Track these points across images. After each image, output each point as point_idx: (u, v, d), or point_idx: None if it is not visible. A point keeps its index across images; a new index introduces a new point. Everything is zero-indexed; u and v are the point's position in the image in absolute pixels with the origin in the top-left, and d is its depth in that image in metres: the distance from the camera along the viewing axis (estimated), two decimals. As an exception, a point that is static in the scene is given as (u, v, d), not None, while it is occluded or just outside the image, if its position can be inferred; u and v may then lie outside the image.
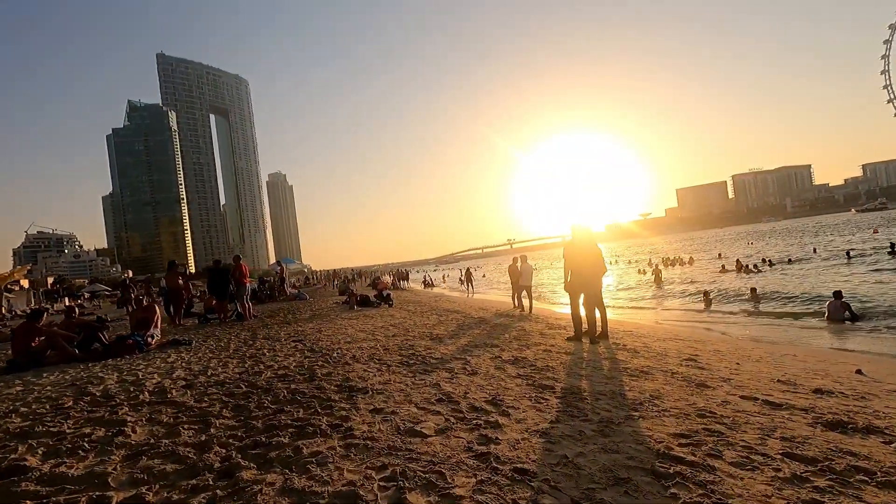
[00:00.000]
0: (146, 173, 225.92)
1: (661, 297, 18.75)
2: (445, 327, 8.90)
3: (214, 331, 9.36)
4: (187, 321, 11.68)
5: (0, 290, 36.92)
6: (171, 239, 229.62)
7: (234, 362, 5.41)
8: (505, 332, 8.21)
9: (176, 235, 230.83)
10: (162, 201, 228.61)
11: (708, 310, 14.45)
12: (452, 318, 10.73)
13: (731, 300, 15.55)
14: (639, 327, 10.02)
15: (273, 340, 7.25)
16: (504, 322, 9.95)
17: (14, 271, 41.68)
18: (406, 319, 10.40)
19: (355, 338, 7.35)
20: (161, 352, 6.72)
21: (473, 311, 13.46)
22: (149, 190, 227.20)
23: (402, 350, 6.09)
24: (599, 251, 7.44)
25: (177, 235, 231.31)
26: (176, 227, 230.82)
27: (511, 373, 4.74)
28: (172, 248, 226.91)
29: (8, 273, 41.46)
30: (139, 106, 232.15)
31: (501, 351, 6.10)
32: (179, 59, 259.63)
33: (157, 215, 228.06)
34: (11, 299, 40.33)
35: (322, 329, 8.74)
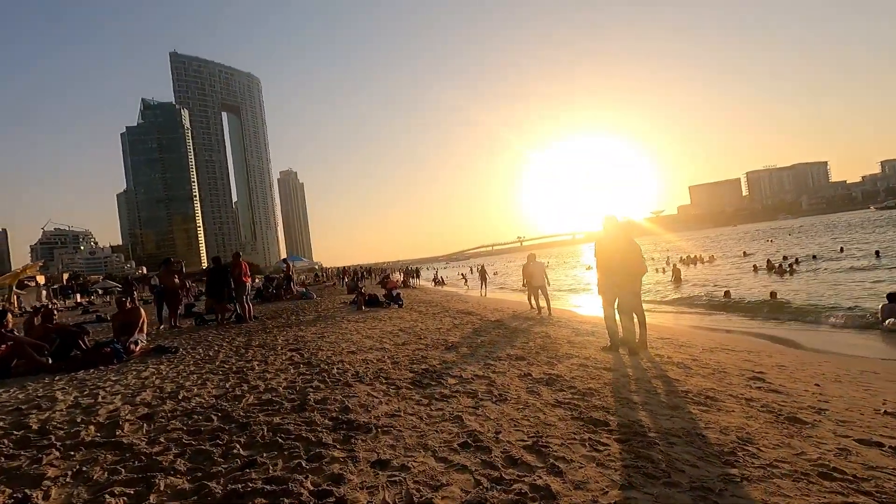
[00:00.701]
0: (159, 171, 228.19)
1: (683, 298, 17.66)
2: (461, 333, 8.03)
3: (208, 335, 8.60)
4: (185, 322, 10.96)
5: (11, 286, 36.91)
6: (184, 236, 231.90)
7: (216, 380, 4.58)
8: (527, 339, 7.31)
9: (189, 232, 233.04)
10: (175, 198, 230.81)
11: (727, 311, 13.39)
12: (467, 322, 9.86)
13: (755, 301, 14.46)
14: (673, 333, 9.04)
15: (268, 349, 6.44)
16: (524, 326, 9.05)
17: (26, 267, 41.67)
18: (417, 322, 9.55)
19: (361, 346, 6.50)
20: (140, 362, 5.94)
21: (489, 312, 12.57)
22: (162, 187, 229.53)
23: (414, 363, 5.23)
24: (637, 248, 6.46)
25: (189, 232, 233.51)
26: (189, 224, 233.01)
27: (548, 398, 3.85)
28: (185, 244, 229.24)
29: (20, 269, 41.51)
30: (152, 104, 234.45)
31: (529, 365, 5.20)
32: (192, 58, 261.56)
33: (171, 212, 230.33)
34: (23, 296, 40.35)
35: (325, 334, 7.92)
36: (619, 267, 6.38)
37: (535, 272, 12.98)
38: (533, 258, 13.24)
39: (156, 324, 11.01)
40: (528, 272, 13.01)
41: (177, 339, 8.12)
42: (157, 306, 10.97)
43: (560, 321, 10.35)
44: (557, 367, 5.18)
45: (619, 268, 6.38)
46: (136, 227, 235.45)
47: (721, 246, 55.43)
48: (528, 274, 12.96)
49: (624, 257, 6.36)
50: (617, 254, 6.37)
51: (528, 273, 13.01)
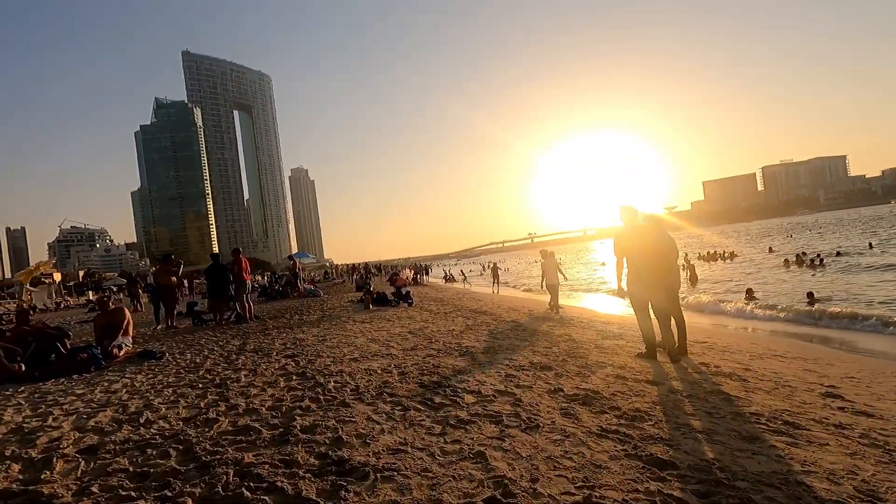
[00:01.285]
0: (173, 169, 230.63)
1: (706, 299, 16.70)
2: (475, 335, 7.31)
3: (203, 336, 8.00)
4: (183, 322, 10.40)
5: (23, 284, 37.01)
6: (197, 233, 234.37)
7: (192, 395, 3.92)
8: (550, 343, 6.57)
9: (201, 230, 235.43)
10: (188, 196, 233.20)
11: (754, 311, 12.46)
12: (482, 323, 9.14)
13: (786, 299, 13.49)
14: (709, 336, 8.22)
15: (261, 355, 5.78)
16: (544, 328, 8.30)
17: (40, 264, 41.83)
18: (428, 323, 8.85)
19: (365, 351, 5.82)
20: (118, 370, 5.32)
21: (503, 311, 11.84)
22: (175, 185, 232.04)
23: (425, 374, 4.52)
24: (672, 242, 5.61)
25: (202, 230, 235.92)
26: (201, 222, 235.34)
27: (589, 424, 3.12)
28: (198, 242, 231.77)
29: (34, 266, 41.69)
30: (166, 103, 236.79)
31: (558, 377, 4.47)
32: (204, 57, 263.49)
33: (184, 210, 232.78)
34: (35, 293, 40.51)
35: (327, 337, 7.25)
36: (652, 264, 5.58)
37: (547, 270, 12.28)
38: (546, 255, 12.54)
39: (154, 324, 10.47)
40: (543, 269, 12.36)
41: (168, 342, 7.54)
42: (154, 306, 10.42)
43: (582, 322, 9.59)
44: (591, 379, 4.44)
45: (652, 265, 5.58)
46: (150, 225, 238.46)
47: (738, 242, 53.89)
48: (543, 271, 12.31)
49: (657, 253, 5.56)
50: (647, 249, 5.54)
51: (543, 270, 12.36)
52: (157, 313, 10.28)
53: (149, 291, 10.55)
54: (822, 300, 12.29)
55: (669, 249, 5.66)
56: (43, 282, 50.46)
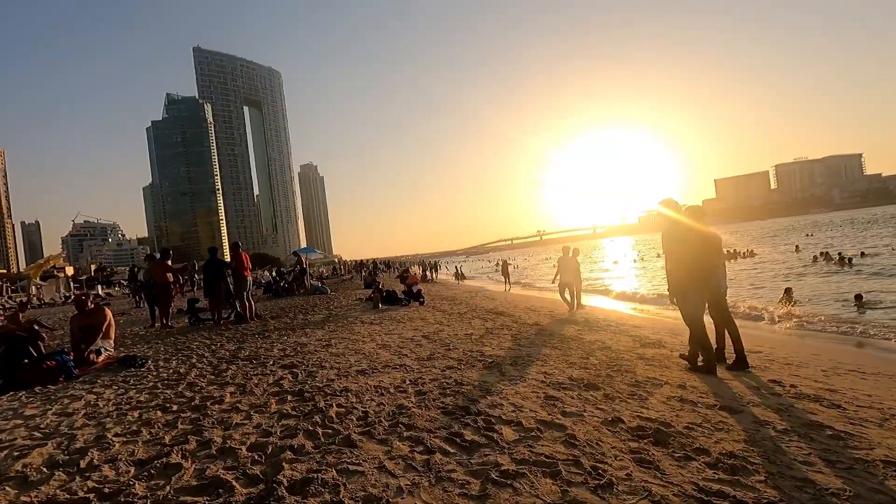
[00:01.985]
0: (184, 164, 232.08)
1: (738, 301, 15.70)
2: (497, 341, 6.51)
3: (196, 339, 7.27)
4: (179, 321, 9.72)
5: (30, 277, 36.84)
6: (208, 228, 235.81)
7: (160, 424, 3.16)
8: (584, 351, 5.76)
9: (212, 225, 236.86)
10: (198, 192, 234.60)
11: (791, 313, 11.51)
12: (501, 325, 8.34)
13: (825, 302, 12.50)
14: (759, 344, 7.32)
15: (255, 365, 5.02)
16: (571, 332, 7.47)
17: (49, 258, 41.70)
18: (443, 326, 8.06)
19: (374, 361, 5.04)
20: (87, 382, 4.59)
21: (522, 312, 11.01)
22: (186, 181, 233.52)
23: (447, 394, 3.73)
24: (718, 238, 4.91)
25: (212, 225, 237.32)
26: (211, 217, 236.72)
27: (679, 479, 2.30)
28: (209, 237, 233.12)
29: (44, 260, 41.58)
30: (177, 99, 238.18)
31: (610, 400, 3.66)
32: (215, 53, 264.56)
33: (194, 205, 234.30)
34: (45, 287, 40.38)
35: (332, 341, 6.48)
36: (703, 262, 4.71)
37: (566, 266, 11.46)
38: (566, 251, 11.70)
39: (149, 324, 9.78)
40: (560, 266, 11.54)
41: (157, 345, 6.82)
42: (148, 305, 9.74)
43: (609, 325, 8.74)
44: (650, 402, 3.63)
45: (703, 263, 4.71)
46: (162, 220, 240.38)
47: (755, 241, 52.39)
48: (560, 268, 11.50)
49: (705, 249, 4.71)
50: (696, 247, 4.69)
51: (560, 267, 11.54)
52: (152, 313, 9.59)
53: (142, 290, 9.85)
54: (870, 303, 11.31)
55: (716, 246, 4.86)
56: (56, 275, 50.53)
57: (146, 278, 9.59)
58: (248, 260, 9.33)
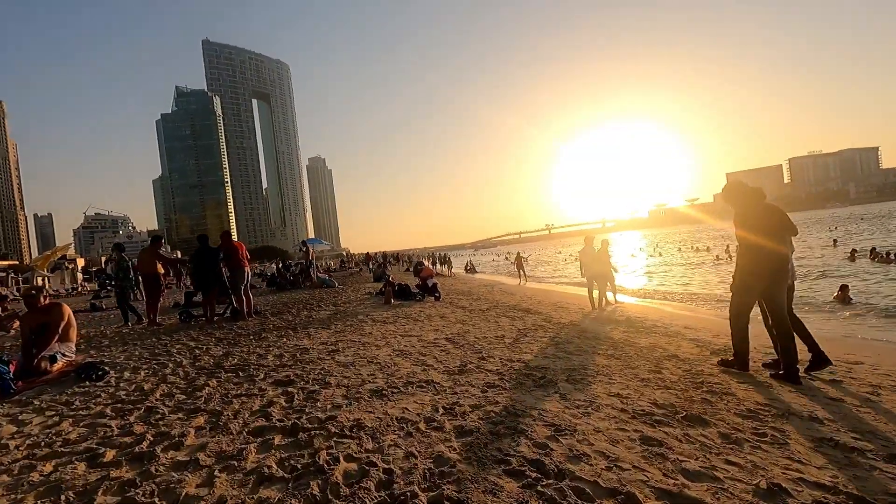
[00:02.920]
0: (193, 157, 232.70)
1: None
2: (536, 345, 5.41)
3: (178, 341, 6.22)
4: (169, 318, 8.70)
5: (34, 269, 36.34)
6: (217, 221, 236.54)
7: (76, 486, 2.09)
8: (646, 358, 4.68)
9: (221, 217, 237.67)
10: (208, 184, 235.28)
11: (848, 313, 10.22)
12: (532, 324, 7.23)
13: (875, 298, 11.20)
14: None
15: (243, 378, 3.94)
16: (617, 335, 6.34)
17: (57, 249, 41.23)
18: (467, 325, 6.96)
19: (392, 375, 3.95)
20: (19, 403, 3.51)
21: (549, 308, 9.89)
22: (195, 173, 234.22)
23: (499, 433, 2.61)
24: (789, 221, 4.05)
25: (222, 217, 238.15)
26: (221, 210, 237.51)
27: None
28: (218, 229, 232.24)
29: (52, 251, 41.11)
30: (186, 92, 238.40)
31: (738, 447, 2.53)
32: (223, 45, 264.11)
33: (204, 198, 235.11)
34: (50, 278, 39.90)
35: (339, 345, 5.40)
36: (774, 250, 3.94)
37: (594, 259, 10.31)
38: (589, 242, 10.51)
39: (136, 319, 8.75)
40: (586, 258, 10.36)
41: (133, 348, 5.78)
42: (118, 300, 8.62)
43: (656, 324, 7.61)
44: (797, 450, 2.50)
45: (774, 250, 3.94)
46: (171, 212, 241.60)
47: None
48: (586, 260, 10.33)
49: (777, 234, 3.97)
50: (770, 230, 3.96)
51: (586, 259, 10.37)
52: (123, 311, 8.51)
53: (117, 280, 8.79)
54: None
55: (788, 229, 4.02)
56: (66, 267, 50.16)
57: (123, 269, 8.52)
58: (244, 250, 8.28)
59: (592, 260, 10.37)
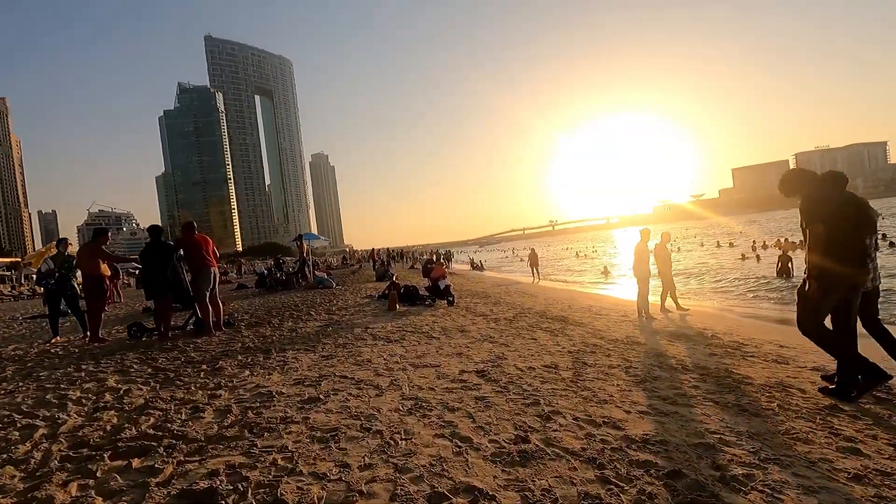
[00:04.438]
0: (195, 154, 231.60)
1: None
2: (612, 382, 3.68)
3: (102, 370, 4.49)
4: (114, 330, 6.98)
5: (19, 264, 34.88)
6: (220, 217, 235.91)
7: None
8: (789, 409, 2.92)
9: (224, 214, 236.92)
10: (210, 181, 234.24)
11: None
12: (580, 341, 5.51)
13: None
14: None
15: (132, 477, 2.21)
16: (700, 358, 4.63)
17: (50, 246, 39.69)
18: (498, 345, 5.21)
19: (401, 469, 2.21)
20: None
21: (587, 316, 8.18)
22: (198, 170, 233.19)
23: None
24: None
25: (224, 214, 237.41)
26: (223, 206, 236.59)
27: None
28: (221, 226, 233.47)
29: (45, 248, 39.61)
30: (188, 88, 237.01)
31: None
32: (226, 41, 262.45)
33: (206, 194, 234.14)
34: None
35: (321, 385, 3.66)
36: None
37: (660, 256, 8.56)
38: (645, 237, 8.71)
39: (50, 337, 7.03)
40: (643, 255, 8.58)
41: (23, 384, 4.06)
42: (49, 307, 6.87)
43: (720, 336, 5.90)
44: None
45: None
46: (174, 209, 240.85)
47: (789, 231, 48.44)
48: (643, 258, 8.54)
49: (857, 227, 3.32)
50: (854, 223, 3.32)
51: (643, 257, 8.60)
52: (53, 320, 6.81)
53: (44, 284, 7.12)
54: None
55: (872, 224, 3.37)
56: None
57: (62, 270, 6.85)
58: (211, 246, 6.55)
59: (648, 259, 8.64)
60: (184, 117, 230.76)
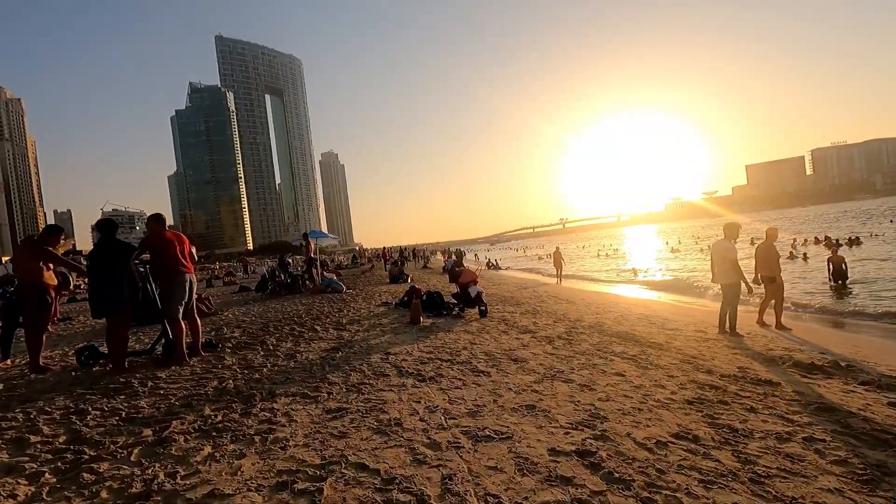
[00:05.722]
0: (207, 153, 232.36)
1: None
2: (801, 484, 2.07)
3: (10, 425, 3.02)
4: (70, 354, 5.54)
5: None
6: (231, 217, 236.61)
7: None
8: None
9: (235, 213, 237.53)
10: (222, 180, 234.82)
11: None
12: (688, 378, 3.91)
13: None
14: None
15: None
16: (839, 402, 2.99)
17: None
18: (574, 383, 3.63)
19: None
20: None
21: (652, 330, 6.57)
22: (209, 169, 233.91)
23: None
24: None
25: (236, 213, 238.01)
26: (235, 206, 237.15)
27: None
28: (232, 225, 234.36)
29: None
30: (199, 87, 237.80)
31: None
32: (236, 41, 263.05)
33: (218, 194, 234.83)
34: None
35: (326, 475, 2.15)
36: None
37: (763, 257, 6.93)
38: (734, 230, 6.88)
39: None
40: (730, 255, 6.83)
41: None
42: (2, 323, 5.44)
43: (861, 362, 4.27)
44: None
45: None
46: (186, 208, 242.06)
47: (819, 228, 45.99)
48: (721, 258, 6.82)
49: None
50: None
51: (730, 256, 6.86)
52: (6, 336, 5.37)
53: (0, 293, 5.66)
54: None
55: None
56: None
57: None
58: (187, 246, 5.04)
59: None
60: (195, 117, 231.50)
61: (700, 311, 10.71)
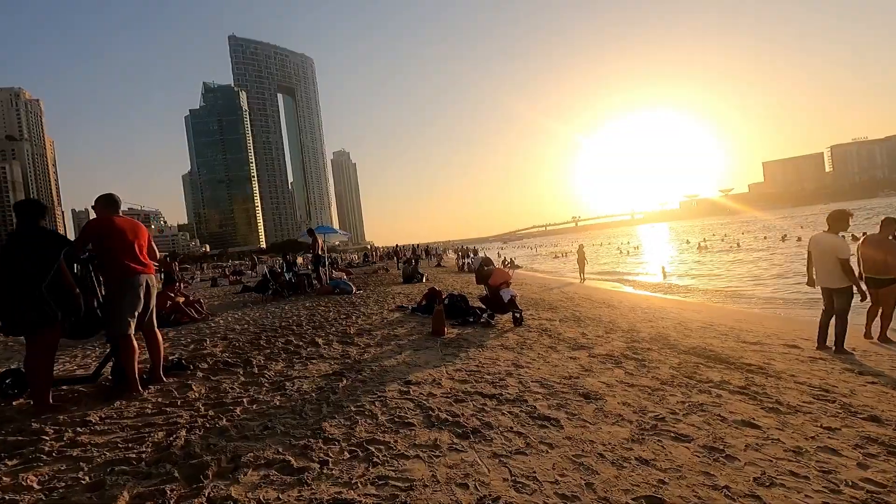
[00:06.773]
0: (220, 152, 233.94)
1: None
2: None
3: None
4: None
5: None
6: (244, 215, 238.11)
7: None
8: None
9: (248, 212, 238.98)
10: (235, 179, 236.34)
11: None
12: (823, 418, 2.56)
13: None
14: None
15: None
16: None
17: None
18: (679, 438, 2.30)
19: None
20: None
21: (748, 350, 5.25)
22: (223, 168, 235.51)
23: None
24: None
25: (248, 212, 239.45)
26: (248, 204, 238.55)
27: None
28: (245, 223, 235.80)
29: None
30: (213, 87, 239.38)
31: None
32: (249, 41, 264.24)
33: (231, 192, 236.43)
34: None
35: None
36: None
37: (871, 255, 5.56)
38: (841, 220, 5.51)
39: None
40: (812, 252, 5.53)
41: None
42: None
43: None
44: None
45: None
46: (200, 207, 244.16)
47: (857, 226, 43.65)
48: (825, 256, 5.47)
49: None
50: None
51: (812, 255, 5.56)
52: None
53: None
54: None
55: None
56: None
57: None
58: (146, 237, 3.84)
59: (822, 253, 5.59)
60: (209, 116, 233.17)
61: (757, 317, 9.34)
